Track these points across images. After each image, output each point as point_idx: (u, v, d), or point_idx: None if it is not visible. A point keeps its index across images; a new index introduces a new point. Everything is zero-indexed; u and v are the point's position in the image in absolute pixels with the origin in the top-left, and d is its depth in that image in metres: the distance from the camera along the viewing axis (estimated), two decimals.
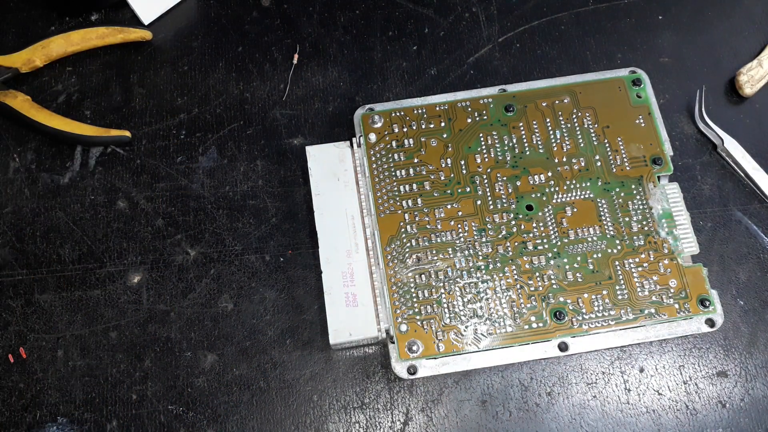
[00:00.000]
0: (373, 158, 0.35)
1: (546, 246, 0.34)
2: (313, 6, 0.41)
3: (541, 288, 0.33)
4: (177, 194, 0.37)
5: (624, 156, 0.35)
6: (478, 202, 0.34)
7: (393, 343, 0.32)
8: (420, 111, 0.36)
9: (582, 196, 0.35)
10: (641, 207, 0.34)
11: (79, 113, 0.38)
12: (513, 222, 0.34)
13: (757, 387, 0.33)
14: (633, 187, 0.35)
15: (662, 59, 0.40)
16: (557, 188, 0.35)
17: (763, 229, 0.36)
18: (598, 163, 0.35)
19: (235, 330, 0.34)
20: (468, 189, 0.35)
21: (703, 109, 0.38)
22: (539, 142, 0.36)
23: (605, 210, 0.34)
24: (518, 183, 0.35)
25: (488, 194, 0.35)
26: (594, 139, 0.36)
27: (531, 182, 0.35)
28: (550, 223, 0.34)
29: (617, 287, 0.33)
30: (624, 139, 0.36)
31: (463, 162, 0.35)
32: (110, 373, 0.34)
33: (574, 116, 0.36)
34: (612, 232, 0.34)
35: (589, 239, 0.34)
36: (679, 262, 0.33)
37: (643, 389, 0.33)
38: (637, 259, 0.33)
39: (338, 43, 0.40)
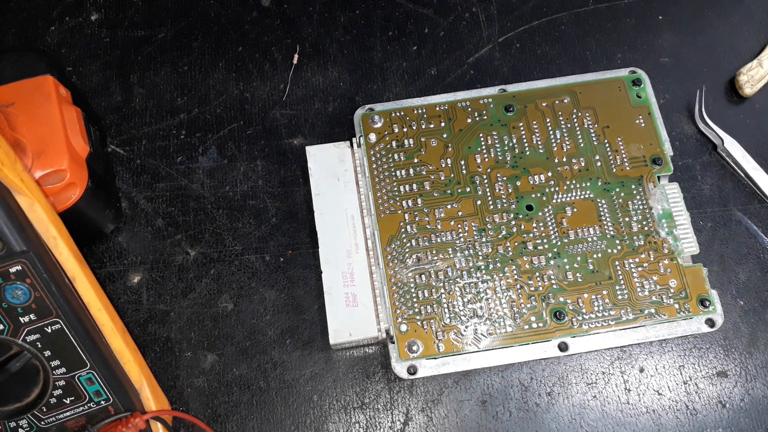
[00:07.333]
0: (373, 158, 0.35)
1: (546, 246, 0.34)
2: (313, 6, 0.41)
3: (541, 288, 0.33)
4: (177, 194, 0.37)
5: (624, 156, 0.35)
6: (478, 202, 0.34)
7: (393, 343, 0.32)
8: (420, 111, 0.36)
9: (582, 196, 0.35)
10: (641, 207, 0.34)
11: None
12: (513, 222, 0.34)
13: (757, 387, 0.33)
14: (633, 187, 0.35)
15: (662, 59, 0.40)
16: (557, 188, 0.35)
17: (763, 229, 0.36)
18: (598, 163, 0.35)
19: (235, 330, 0.34)
20: (468, 189, 0.35)
21: (703, 109, 0.38)
22: (539, 142, 0.36)
23: (605, 210, 0.34)
24: (518, 183, 0.35)
25: (488, 194, 0.35)
26: (594, 139, 0.36)
27: (531, 182, 0.35)
28: (550, 223, 0.34)
29: (617, 287, 0.33)
30: (624, 139, 0.36)
31: (463, 162, 0.35)
32: None
33: (574, 116, 0.36)
34: (612, 232, 0.34)
35: (589, 239, 0.34)
36: (679, 262, 0.33)
37: (643, 389, 0.33)
38: (637, 259, 0.33)
39: (338, 43, 0.40)
